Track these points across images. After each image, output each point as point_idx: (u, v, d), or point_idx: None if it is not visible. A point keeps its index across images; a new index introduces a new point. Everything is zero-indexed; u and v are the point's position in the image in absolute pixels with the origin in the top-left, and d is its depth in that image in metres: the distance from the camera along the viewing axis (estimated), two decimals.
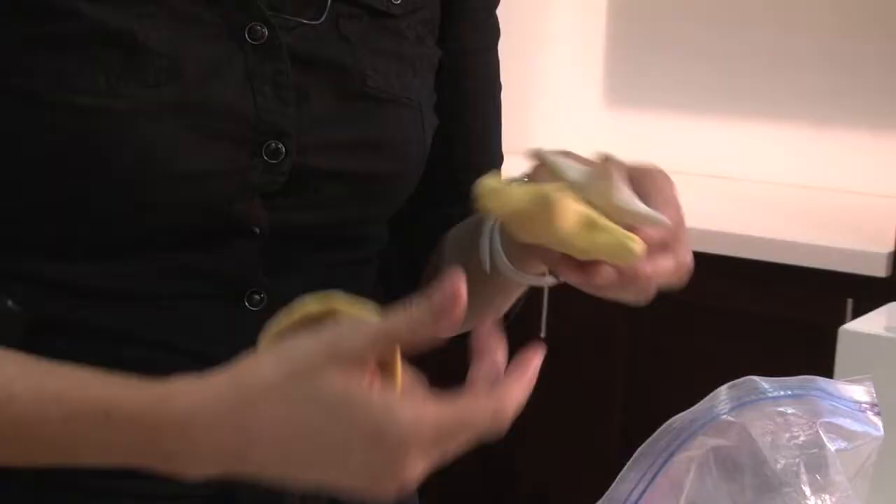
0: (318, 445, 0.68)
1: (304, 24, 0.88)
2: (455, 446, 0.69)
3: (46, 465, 0.76)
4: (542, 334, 2.44)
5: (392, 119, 0.92)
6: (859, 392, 0.82)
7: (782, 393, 0.79)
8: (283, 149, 0.86)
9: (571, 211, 0.74)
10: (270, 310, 0.79)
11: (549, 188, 0.75)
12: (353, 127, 0.90)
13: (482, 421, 0.68)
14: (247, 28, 0.86)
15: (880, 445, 0.81)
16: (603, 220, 0.73)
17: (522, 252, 0.86)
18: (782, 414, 0.78)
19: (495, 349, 0.71)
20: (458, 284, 0.66)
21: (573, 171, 0.78)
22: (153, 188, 0.82)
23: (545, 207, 0.74)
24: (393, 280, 1.02)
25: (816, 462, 0.77)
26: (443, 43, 0.98)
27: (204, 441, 0.70)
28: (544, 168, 0.80)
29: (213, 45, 0.85)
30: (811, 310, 2.24)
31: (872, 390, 0.82)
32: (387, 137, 0.91)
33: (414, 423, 0.66)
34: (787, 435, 0.78)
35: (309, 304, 0.72)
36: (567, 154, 0.81)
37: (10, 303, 0.84)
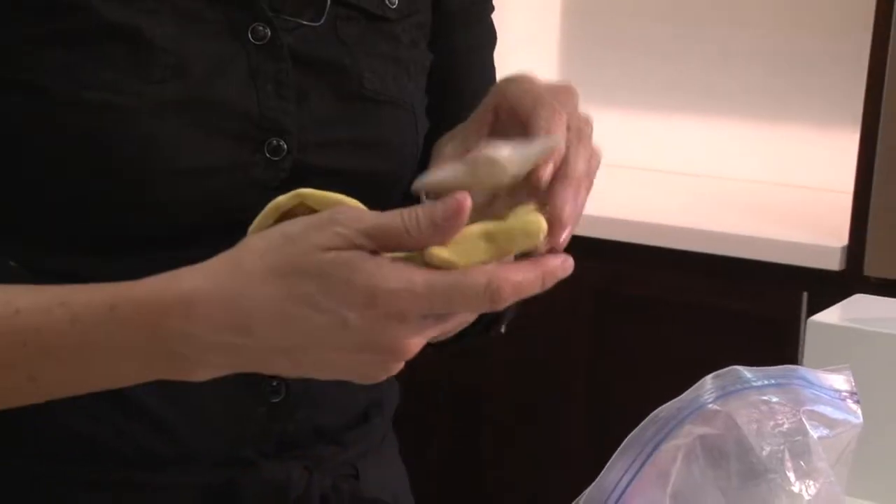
0: (317, 321, 0.67)
1: (304, 25, 0.90)
2: (450, 321, 0.69)
3: (54, 392, 0.76)
4: (502, 330, 2.45)
5: (389, 120, 0.93)
6: (839, 381, 0.83)
7: (766, 382, 0.80)
8: (285, 146, 0.87)
9: (464, 243, 0.68)
10: None
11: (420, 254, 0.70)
12: (352, 127, 0.91)
13: (475, 289, 0.66)
14: (250, 28, 0.87)
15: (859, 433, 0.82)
16: (490, 225, 0.69)
17: None
18: (767, 402, 0.79)
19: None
20: (463, 202, 0.66)
21: (448, 171, 0.72)
22: (155, 184, 0.83)
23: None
24: None
25: (800, 449, 0.78)
26: (434, 43, 0.99)
27: (209, 320, 0.69)
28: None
29: (216, 43, 0.86)
30: (768, 303, 2.27)
31: (851, 379, 0.84)
32: (384, 138, 0.93)
33: (407, 281, 0.66)
34: (772, 423, 0.78)
35: (278, 199, 0.73)
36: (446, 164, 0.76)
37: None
